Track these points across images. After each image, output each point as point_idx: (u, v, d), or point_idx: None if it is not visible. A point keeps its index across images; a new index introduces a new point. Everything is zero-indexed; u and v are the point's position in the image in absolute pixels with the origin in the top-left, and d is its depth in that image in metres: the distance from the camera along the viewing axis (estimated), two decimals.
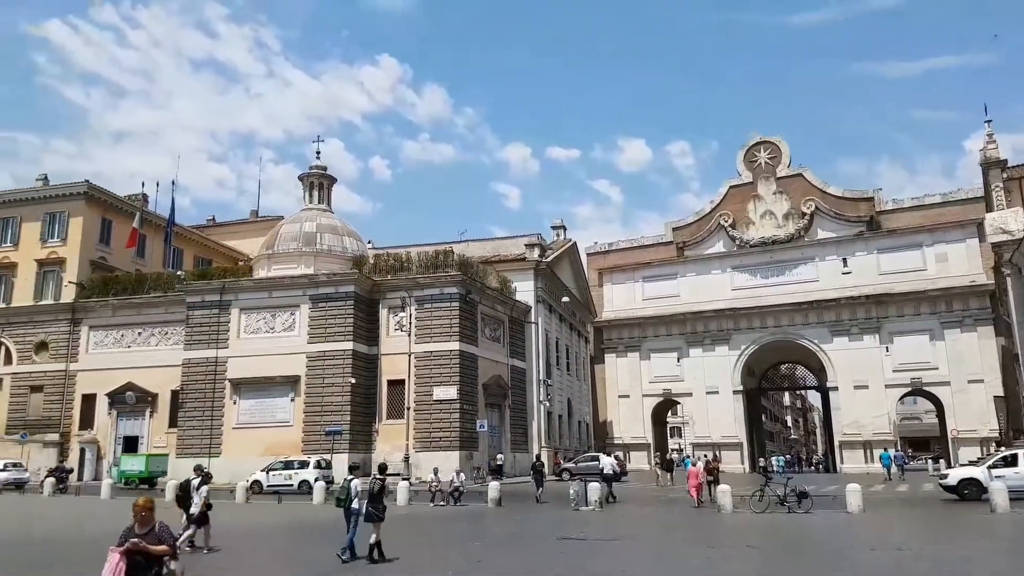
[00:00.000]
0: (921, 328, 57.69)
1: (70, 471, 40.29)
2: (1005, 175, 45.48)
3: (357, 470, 15.78)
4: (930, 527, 21.26)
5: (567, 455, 53.82)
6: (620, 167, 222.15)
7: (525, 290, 53.37)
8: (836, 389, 59.93)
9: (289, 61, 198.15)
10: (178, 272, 50.16)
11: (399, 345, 43.66)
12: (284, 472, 36.39)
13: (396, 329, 44.14)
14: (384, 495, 14.61)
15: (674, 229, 68.96)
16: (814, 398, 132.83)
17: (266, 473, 36.74)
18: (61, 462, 41.52)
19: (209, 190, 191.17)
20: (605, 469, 30.62)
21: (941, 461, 54.47)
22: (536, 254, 54.94)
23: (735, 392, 62.85)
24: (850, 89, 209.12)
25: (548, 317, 56.99)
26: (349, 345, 42.91)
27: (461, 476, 29.83)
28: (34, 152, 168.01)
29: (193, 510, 15.63)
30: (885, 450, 49.23)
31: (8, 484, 39.18)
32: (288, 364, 43.21)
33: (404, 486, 28.70)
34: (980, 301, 56.20)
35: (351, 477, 15.13)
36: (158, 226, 56.27)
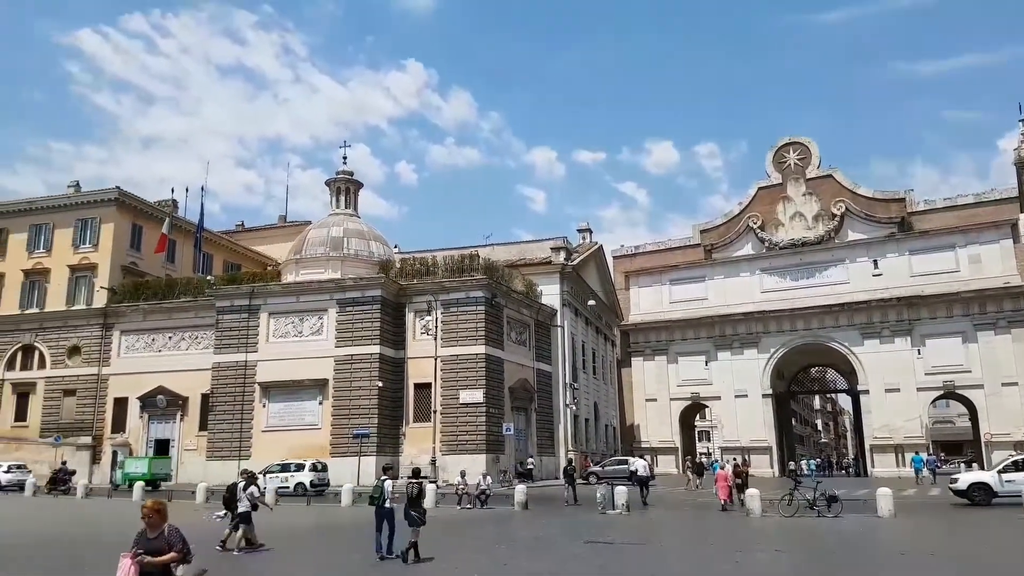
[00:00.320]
0: (954, 330, 56.70)
1: (72, 473, 40.96)
2: None
3: (390, 471, 16.26)
4: (963, 532, 20.90)
5: (594, 459, 53.66)
6: (647, 169, 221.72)
7: (551, 293, 53.33)
8: (867, 392, 59.06)
9: (316, 67, 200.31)
10: (208, 277, 50.81)
11: (425, 349, 43.90)
12: (280, 475, 36.82)
13: (422, 333, 44.39)
14: (422, 499, 15.01)
15: (702, 231, 68.48)
16: (844, 401, 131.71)
17: (263, 476, 37.25)
18: (63, 464, 42.10)
19: (238, 195, 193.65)
20: (639, 471, 30.53)
21: (974, 465, 53.50)
22: (562, 257, 54.86)
23: (764, 396, 62.19)
24: (881, 89, 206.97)
25: (574, 320, 56.89)
26: (376, 349, 43.17)
27: (488, 479, 29.96)
28: (66, 159, 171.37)
29: (240, 509, 16.23)
30: (916, 454, 48.47)
31: (12, 485, 40.53)
32: (316, 368, 43.59)
33: (432, 489, 28.76)
34: (1014, 303, 55.09)
35: (385, 478, 15.55)
36: (188, 231, 57.12)
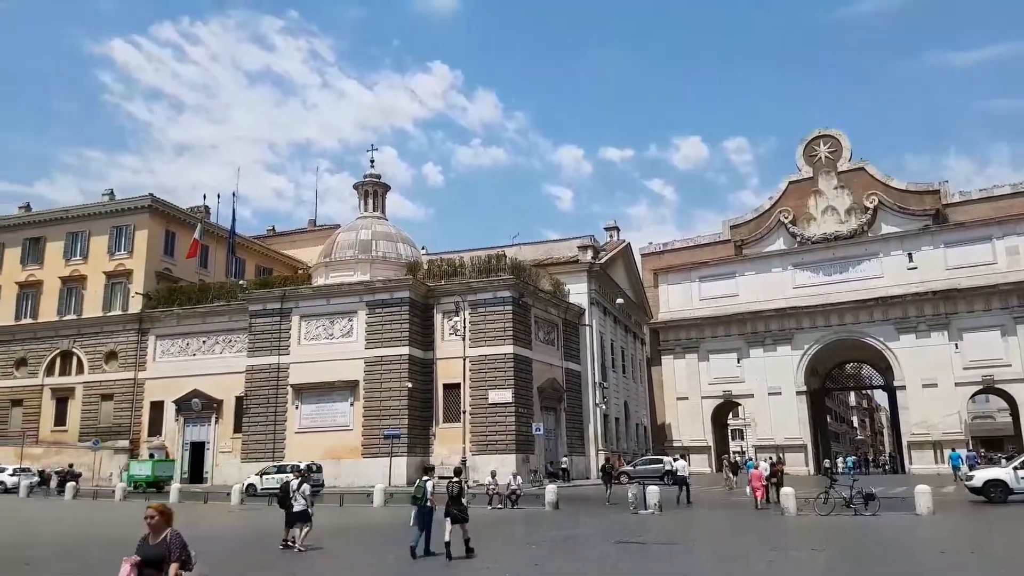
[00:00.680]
0: (992, 324, 55.59)
1: (78, 475, 41.56)
2: None
3: (432, 471, 16.61)
4: (1005, 530, 20.44)
5: (625, 458, 53.40)
6: (675, 165, 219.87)
7: (578, 292, 53.15)
8: (903, 388, 58.10)
9: (342, 72, 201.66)
10: (240, 281, 51.45)
11: (454, 349, 43.99)
12: (277, 476, 36.77)
13: (451, 333, 44.50)
14: (463, 496, 15.29)
15: (732, 227, 67.78)
16: (881, 398, 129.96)
17: (260, 477, 38.14)
18: (70, 466, 42.70)
19: (268, 200, 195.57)
20: (679, 471, 30.38)
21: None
22: (589, 256, 54.63)
23: (798, 393, 61.43)
24: (913, 80, 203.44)
25: (602, 319, 56.64)
26: (405, 350, 43.37)
27: (518, 479, 29.97)
28: (101, 168, 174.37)
29: (296, 508, 16.45)
30: (954, 450, 47.54)
31: (15, 488, 41.38)
32: (347, 369, 43.89)
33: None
34: None
35: (427, 478, 15.90)
36: (220, 237, 57.88)
